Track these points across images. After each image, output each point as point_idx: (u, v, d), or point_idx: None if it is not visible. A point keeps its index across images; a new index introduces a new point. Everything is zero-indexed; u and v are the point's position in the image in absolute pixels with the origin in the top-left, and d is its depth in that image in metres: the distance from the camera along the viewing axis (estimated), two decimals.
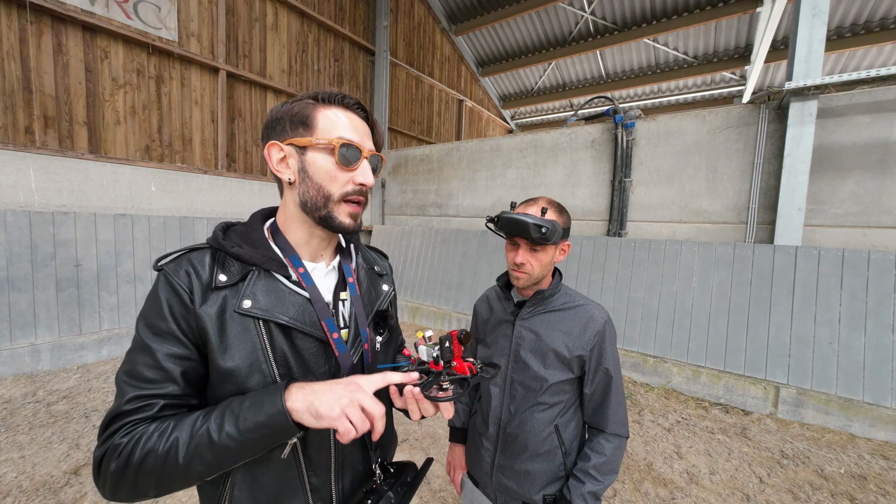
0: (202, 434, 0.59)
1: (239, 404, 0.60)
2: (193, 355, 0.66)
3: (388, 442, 0.91)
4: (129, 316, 4.44)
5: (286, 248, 0.75)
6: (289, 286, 0.72)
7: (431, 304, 6.13)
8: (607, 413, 1.11)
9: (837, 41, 7.91)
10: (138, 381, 0.63)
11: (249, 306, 0.67)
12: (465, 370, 0.67)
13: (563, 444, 1.13)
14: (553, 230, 1.00)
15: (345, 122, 0.71)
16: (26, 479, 2.24)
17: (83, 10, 4.27)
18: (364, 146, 0.72)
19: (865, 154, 3.58)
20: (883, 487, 2.47)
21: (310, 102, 0.71)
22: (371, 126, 0.78)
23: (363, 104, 0.76)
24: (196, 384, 0.67)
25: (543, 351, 1.11)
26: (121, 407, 0.62)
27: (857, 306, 3.32)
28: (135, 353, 0.65)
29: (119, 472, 0.59)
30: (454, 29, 10.46)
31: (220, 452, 0.58)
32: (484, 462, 1.21)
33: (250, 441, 0.59)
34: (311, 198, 0.71)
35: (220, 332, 0.66)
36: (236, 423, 0.58)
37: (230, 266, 0.70)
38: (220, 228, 0.76)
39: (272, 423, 0.58)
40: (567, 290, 1.20)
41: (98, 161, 4.44)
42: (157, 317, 0.65)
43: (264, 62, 6.23)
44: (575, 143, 5.46)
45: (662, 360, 4.05)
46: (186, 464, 0.58)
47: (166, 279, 0.68)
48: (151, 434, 0.59)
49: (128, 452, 0.58)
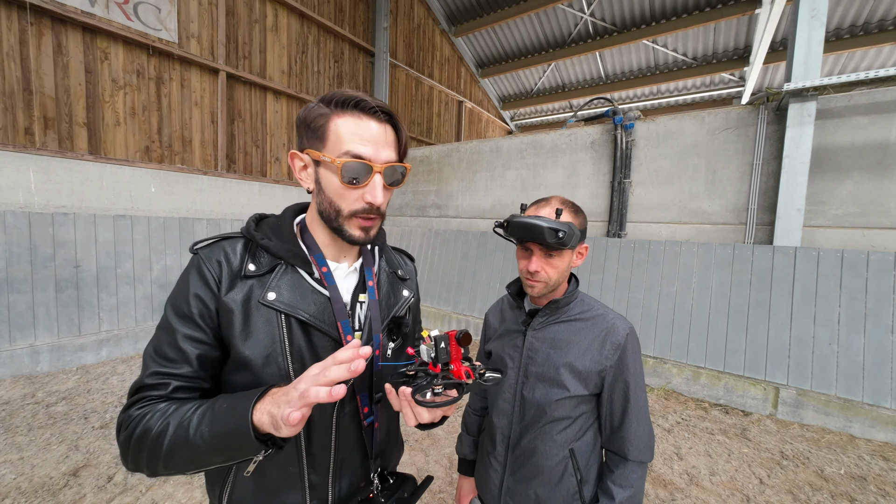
0: (184, 426, 0.59)
1: (221, 403, 0.60)
2: (210, 340, 0.68)
3: (390, 450, 0.89)
4: (129, 317, 4.43)
5: (312, 246, 0.76)
6: (311, 284, 0.73)
7: (431, 305, 6.13)
8: (628, 435, 0.98)
9: (836, 42, 7.92)
10: (160, 358, 0.66)
11: (273, 298, 0.68)
12: (461, 374, 0.62)
13: (579, 471, 1.01)
14: (570, 234, 0.90)
15: (356, 133, 0.67)
16: (25, 480, 2.24)
17: (83, 12, 4.27)
18: (377, 159, 0.67)
19: (864, 155, 3.59)
20: (883, 488, 2.47)
21: (323, 111, 0.68)
22: (395, 130, 0.73)
23: (385, 107, 0.70)
24: (210, 369, 0.69)
25: (556, 364, 1.00)
26: (143, 380, 0.66)
27: (856, 307, 3.32)
28: (160, 330, 0.69)
29: (124, 442, 0.63)
30: (454, 30, 10.48)
31: (193, 450, 0.58)
32: (492, 484, 1.11)
33: (220, 447, 0.57)
34: (325, 210, 0.71)
35: (245, 319, 0.67)
36: (210, 424, 0.58)
37: (260, 257, 0.72)
38: (254, 219, 0.78)
39: (236, 433, 0.56)
40: (585, 298, 1.08)
41: (98, 162, 4.44)
42: (182, 299, 0.68)
43: (264, 63, 6.23)
44: (574, 144, 5.46)
45: (662, 361, 4.05)
46: (168, 453, 0.59)
47: (198, 265, 0.70)
48: (154, 414, 0.62)
49: (133, 427, 0.62)
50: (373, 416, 0.78)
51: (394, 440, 0.91)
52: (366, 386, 0.77)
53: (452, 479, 2.47)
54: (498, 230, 1.00)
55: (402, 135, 0.74)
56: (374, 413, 0.78)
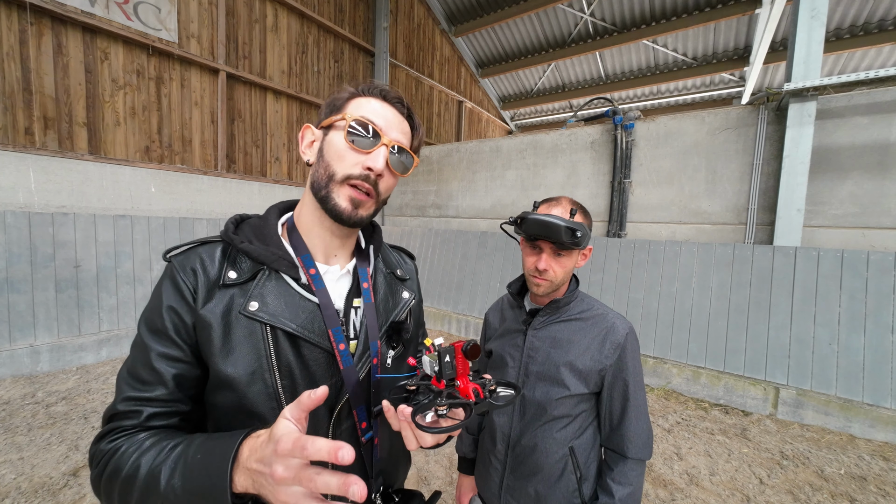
0: (155, 476, 0.52)
1: (195, 452, 0.52)
2: (188, 357, 0.62)
3: (395, 465, 0.82)
4: (129, 317, 4.43)
5: (299, 246, 0.70)
6: (298, 290, 0.66)
7: (431, 305, 6.13)
8: (627, 433, 0.99)
9: (836, 42, 7.92)
10: (133, 380, 0.61)
11: (256, 309, 0.62)
12: (469, 393, 0.54)
13: (579, 469, 1.02)
14: (585, 234, 0.92)
15: (375, 107, 0.68)
16: (25, 480, 2.24)
17: (83, 12, 4.27)
18: (387, 133, 0.67)
19: (864, 155, 3.59)
20: (883, 488, 2.47)
21: (349, 91, 0.70)
22: (412, 125, 0.73)
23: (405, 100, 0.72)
24: (189, 389, 0.62)
25: (557, 363, 1.02)
26: (115, 406, 0.60)
27: (856, 307, 3.32)
28: (134, 348, 0.63)
29: (94, 479, 0.58)
30: (454, 30, 10.48)
31: (164, 503, 0.51)
32: (492, 482, 1.11)
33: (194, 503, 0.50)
34: (318, 177, 0.67)
35: (225, 333, 0.61)
36: (182, 478, 0.51)
37: (241, 263, 0.65)
38: (233, 221, 0.71)
39: (211, 496, 0.48)
40: (585, 298, 1.10)
41: (98, 162, 4.44)
42: (155, 313, 0.62)
43: (264, 63, 6.23)
44: (574, 144, 5.46)
45: (662, 361, 4.05)
46: (140, 500, 0.53)
47: (171, 274, 0.64)
48: (126, 451, 0.56)
49: (104, 463, 0.56)
50: (372, 431, 0.72)
51: (398, 454, 0.83)
52: (363, 399, 0.70)
53: (452, 478, 2.47)
54: (506, 227, 1.01)
55: (417, 131, 0.74)
56: (373, 428, 0.72)
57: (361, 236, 0.83)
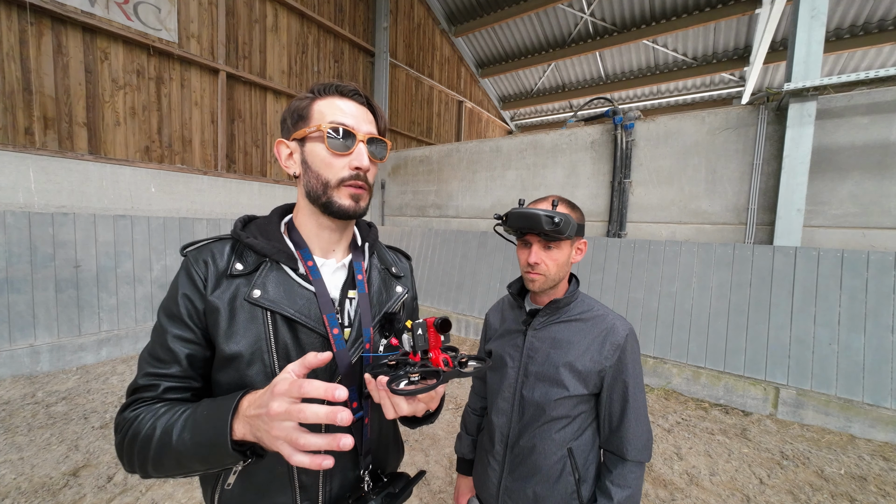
0: (168, 432, 0.59)
1: (202, 410, 0.60)
2: (199, 339, 0.69)
3: (385, 450, 0.88)
4: (129, 317, 4.44)
5: (299, 241, 0.77)
6: (296, 280, 0.73)
7: (431, 305, 6.13)
8: (627, 435, 0.98)
9: (836, 42, 7.93)
10: (152, 359, 0.69)
11: (258, 296, 0.69)
12: (439, 362, 0.59)
13: (577, 470, 1.01)
14: (567, 222, 0.93)
15: (338, 107, 0.72)
16: (25, 480, 2.24)
17: (83, 12, 4.28)
18: (359, 129, 0.72)
19: (864, 155, 3.59)
20: (883, 488, 2.47)
21: (308, 97, 0.74)
22: (373, 111, 0.78)
23: (361, 90, 0.76)
24: (200, 368, 0.70)
25: (556, 364, 1.01)
26: (137, 381, 0.68)
27: (856, 307, 3.32)
28: (154, 332, 0.71)
29: (119, 445, 0.65)
30: (454, 30, 10.49)
31: (177, 457, 0.59)
32: (490, 483, 1.11)
33: (200, 456, 0.57)
34: (312, 187, 0.73)
35: (230, 317, 0.69)
36: (192, 432, 0.58)
37: (247, 256, 0.73)
38: (242, 220, 0.79)
39: (215, 444, 0.55)
40: (585, 299, 1.09)
41: (98, 162, 4.44)
42: (171, 301, 0.70)
43: (264, 63, 6.24)
44: (574, 144, 5.46)
45: (662, 361, 4.05)
46: (156, 457, 0.60)
47: (186, 266, 0.72)
48: (145, 417, 0.63)
49: (126, 429, 0.64)
50: (362, 411, 0.77)
51: (389, 440, 0.89)
52: (355, 381, 0.75)
53: (452, 479, 2.47)
54: (497, 227, 1.04)
55: (379, 115, 0.79)
56: (363, 408, 0.77)
57: (358, 234, 0.89)
